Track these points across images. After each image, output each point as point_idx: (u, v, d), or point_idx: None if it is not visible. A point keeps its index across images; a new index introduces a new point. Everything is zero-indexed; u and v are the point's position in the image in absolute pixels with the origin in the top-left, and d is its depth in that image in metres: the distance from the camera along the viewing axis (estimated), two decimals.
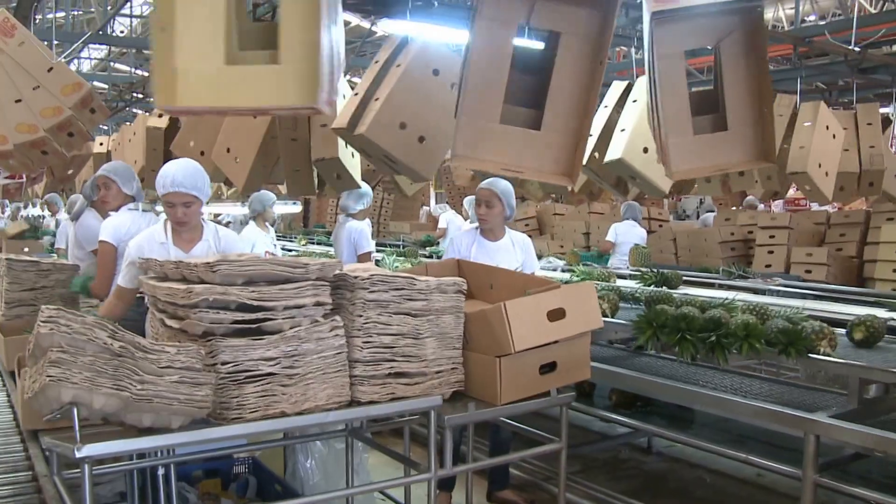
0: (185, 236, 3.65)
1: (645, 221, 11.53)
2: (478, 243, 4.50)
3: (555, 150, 3.30)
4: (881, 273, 8.24)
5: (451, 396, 2.98)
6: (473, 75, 3.23)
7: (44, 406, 2.21)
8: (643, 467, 5.34)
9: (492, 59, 3.27)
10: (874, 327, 3.78)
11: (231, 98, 2.77)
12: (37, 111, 4.82)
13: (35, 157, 5.01)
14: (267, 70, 2.76)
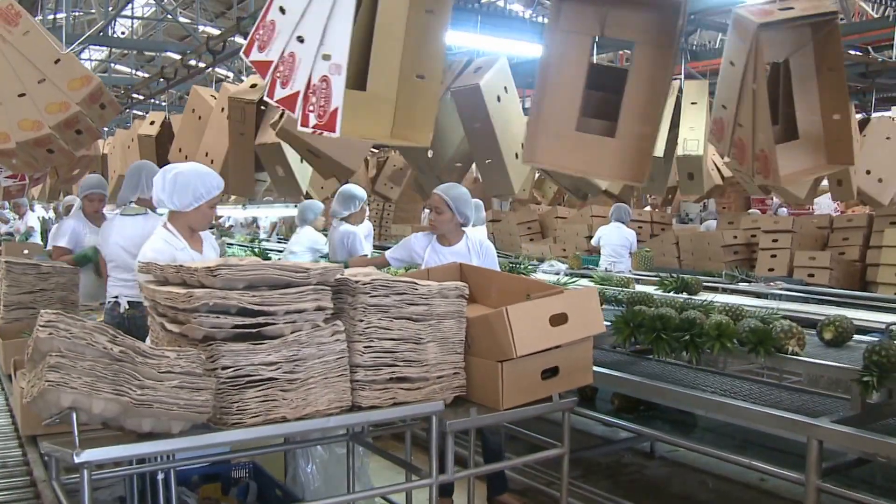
0: (196, 238, 3.72)
1: (647, 225, 11.55)
2: (432, 247, 4.53)
3: (625, 153, 3.37)
4: (884, 277, 8.23)
5: (453, 401, 2.96)
6: (550, 85, 3.28)
7: (43, 411, 2.20)
8: (645, 472, 5.32)
9: (569, 70, 3.31)
10: (843, 327, 3.85)
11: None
12: (42, 106, 4.47)
13: (40, 156, 4.65)
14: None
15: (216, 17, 19.38)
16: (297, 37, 2.80)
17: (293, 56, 2.80)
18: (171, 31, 19.42)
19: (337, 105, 2.77)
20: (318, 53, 2.77)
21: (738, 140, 3.62)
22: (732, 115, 3.60)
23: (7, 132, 4.40)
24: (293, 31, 2.79)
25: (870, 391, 3.24)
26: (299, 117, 2.83)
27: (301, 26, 2.78)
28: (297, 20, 2.78)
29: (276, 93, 2.86)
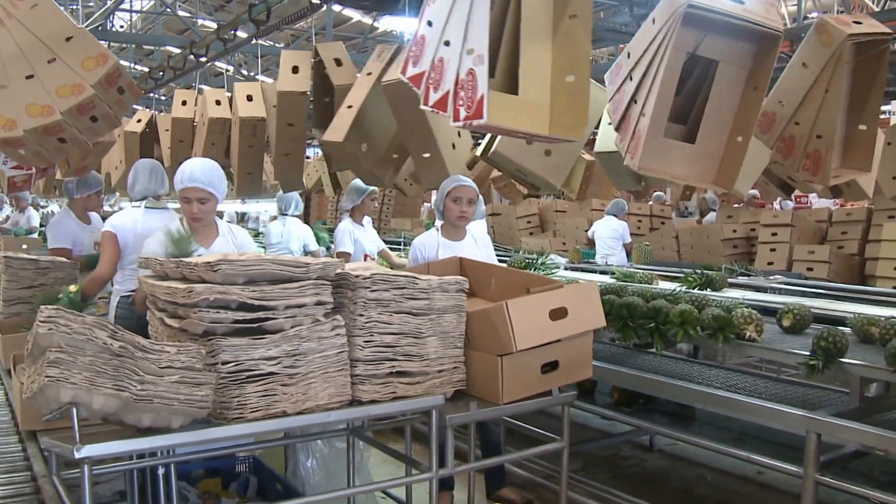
0: (202, 232, 3.73)
1: (647, 219, 11.55)
2: (442, 245, 4.41)
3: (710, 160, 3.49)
4: (883, 271, 8.23)
5: (453, 395, 2.97)
6: (660, 97, 3.31)
7: (43, 406, 2.20)
8: (645, 465, 5.33)
9: (672, 82, 3.38)
10: (801, 315, 4.00)
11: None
12: (52, 89, 3.98)
13: (50, 146, 4.12)
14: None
15: (215, 10, 19.35)
16: (444, 41, 3.02)
17: (442, 60, 3.03)
18: (170, 24, 19.38)
19: (483, 92, 2.90)
20: (464, 50, 2.96)
21: (788, 136, 3.82)
22: (789, 113, 3.77)
23: (13, 118, 3.92)
24: (440, 37, 3.03)
25: (815, 373, 3.39)
26: (451, 114, 3.00)
27: (446, 31, 3.01)
28: (443, 27, 3.02)
29: (429, 98, 3.07)
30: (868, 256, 8.70)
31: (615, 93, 3.50)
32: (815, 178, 3.80)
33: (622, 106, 3.41)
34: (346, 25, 18.46)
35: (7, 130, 3.87)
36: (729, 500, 4.74)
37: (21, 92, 3.95)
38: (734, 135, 3.43)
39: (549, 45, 3.29)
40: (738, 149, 3.40)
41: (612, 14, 10.68)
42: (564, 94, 3.22)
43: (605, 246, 9.15)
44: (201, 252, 3.63)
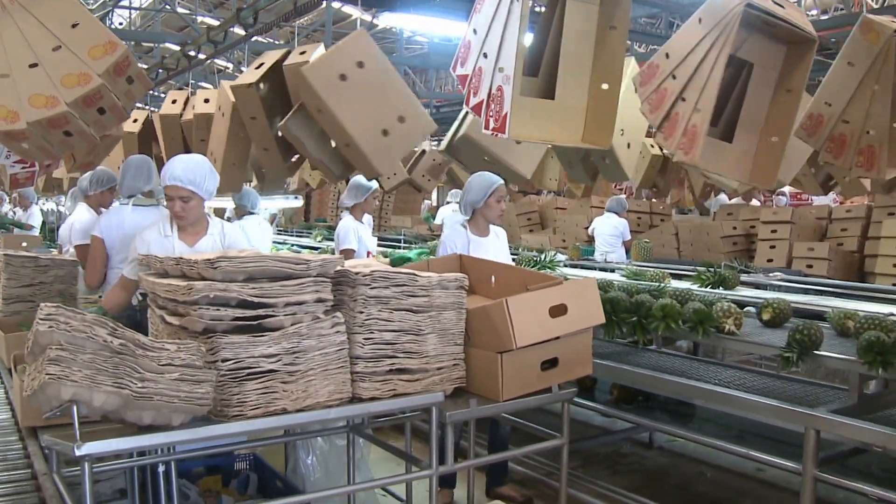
0: (189, 230, 3.71)
1: (646, 216, 11.56)
2: (472, 242, 4.45)
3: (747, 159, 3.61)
4: (882, 268, 8.23)
5: (453, 393, 2.97)
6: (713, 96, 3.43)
7: (43, 404, 2.20)
8: (644, 462, 5.34)
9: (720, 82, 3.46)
10: (780, 309, 4.12)
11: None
12: (57, 79, 3.73)
13: (55, 140, 3.88)
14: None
15: (214, 7, 19.33)
16: (483, 53, 3.27)
17: (481, 70, 3.29)
18: (169, 21, 19.37)
19: (507, 110, 3.19)
20: (496, 67, 3.20)
21: (838, 135, 3.83)
22: (837, 113, 3.79)
23: (16, 110, 3.67)
24: (481, 48, 3.24)
25: (790, 365, 3.50)
26: (483, 121, 3.32)
27: (486, 44, 3.22)
28: (483, 38, 3.23)
29: (470, 100, 3.39)
30: (867, 253, 8.70)
31: (652, 92, 3.54)
32: (870, 172, 3.87)
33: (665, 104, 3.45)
34: (345, 22, 18.45)
35: (9, 123, 3.62)
36: (728, 497, 4.75)
37: (24, 81, 3.72)
38: (769, 135, 3.53)
39: (589, 54, 3.49)
40: (773, 148, 3.52)
41: None
42: (598, 102, 3.42)
43: (605, 243, 9.17)
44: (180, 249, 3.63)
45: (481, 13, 3.24)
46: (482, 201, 4.42)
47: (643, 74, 3.63)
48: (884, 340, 3.27)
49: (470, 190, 4.48)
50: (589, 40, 3.51)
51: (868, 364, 3.25)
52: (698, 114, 3.35)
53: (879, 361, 3.22)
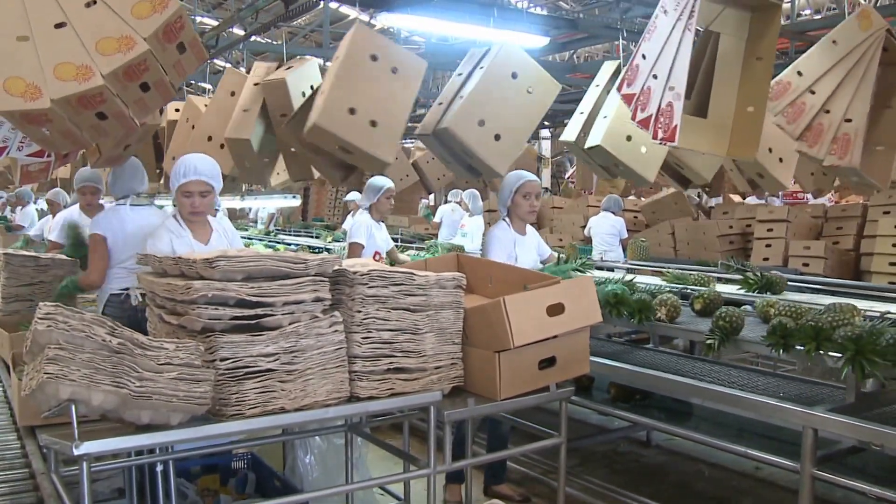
0: (199, 229, 3.74)
1: (643, 215, 11.57)
2: (515, 240, 4.55)
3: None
4: (878, 266, 8.24)
5: (451, 391, 2.98)
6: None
7: (42, 403, 2.20)
8: (642, 461, 5.35)
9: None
10: (710, 299, 4.40)
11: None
12: (92, 43, 2.92)
13: (85, 123, 3.09)
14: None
15: (213, 7, 19.32)
16: (653, 75, 3.70)
17: (650, 89, 3.71)
18: None
19: (677, 123, 3.68)
20: (666, 86, 3.69)
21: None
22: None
23: (37, 84, 2.86)
24: (650, 71, 3.70)
25: (713, 350, 3.80)
26: (651, 132, 3.74)
27: (656, 67, 3.71)
28: (653, 63, 3.71)
29: (637, 115, 3.76)
30: (863, 252, 8.71)
31: (788, 105, 4.01)
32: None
33: (805, 116, 3.96)
34: (343, 23, 18.44)
35: (28, 100, 2.86)
36: (726, 496, 4.76)
37: (48, 46, 2.94)
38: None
39: (736, 80, 3.96)
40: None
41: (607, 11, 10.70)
42: (743, 121, 3.87)
43: (603, 242, 9.19)
44: (196, 247, 3.65)
45: (651, 41, 3.72)
46: (509, 200, 4.52)
47: (774, 90, 4.06)
48: (787, 325, 3.53)
49: (501, 189, 4.54)
50: (737, 68, 4.00)
51: (771, 346, 3.55)
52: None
53: (782, 344, 3.50)
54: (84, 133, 3.18)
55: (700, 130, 3.87)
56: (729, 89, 4.00)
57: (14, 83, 2.85)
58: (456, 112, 4.60)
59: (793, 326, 3.55)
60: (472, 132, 4.59)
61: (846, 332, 3.29)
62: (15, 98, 2.85)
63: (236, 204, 11.20)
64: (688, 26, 3.66)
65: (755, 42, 3.97)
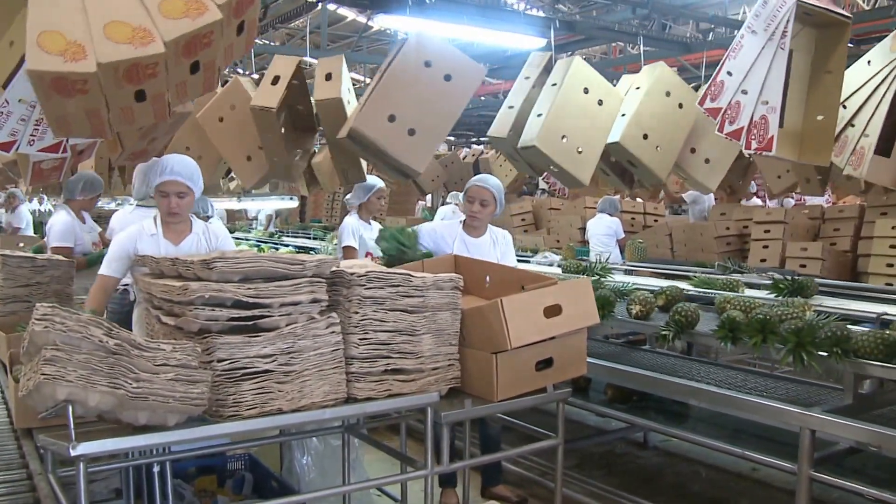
0: (174, 229, 3.74)
1: (640, 216, 11.57)
2: (460, 238, 4.44)
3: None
4: (875, 267, 8.24)
5: (448, 393, 2.98)
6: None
7: (38, 404, 2.20)
8: (639, 462, 5.35)
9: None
10: (672, 296, 4.48)
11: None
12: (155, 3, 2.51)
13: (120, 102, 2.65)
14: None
15: None
16: (742, 90, 3.96)
17: (738, 103, 3.96)
18: None
19: (773, 134, 3.95)
20: (759, 100, 3.95)
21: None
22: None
23: (81, 42, 2.39)
24: (738, 86, 3.96)
25: (667, 342, 3.94)
26: (744, 143, 4.02)
27: (745, 83, 3.97)
28: (740, 80, 3.97)
29: (724, 128, 4.01)
30: (860, 253, 8.71)
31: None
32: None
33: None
34: (340, 24, 18.44)
35: (68, 60, 2.39)
36: (723, 497, 4.76)
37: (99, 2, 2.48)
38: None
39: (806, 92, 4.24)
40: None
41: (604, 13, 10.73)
42: (815, 130, 4.13)
43: (600, 243, 9.20)
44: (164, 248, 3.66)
45: (737, 59, 3.97)
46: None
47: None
48: (736, 318, 3.70)
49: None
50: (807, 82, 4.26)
51: (720, 339, 3.69)
52: (866, 139, 4.26)
53: (730, 337, 3.66)
54: (111, 116, 2.75)
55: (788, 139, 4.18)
56: (800, 101, 4.28)
57: (51, 39, 2.40)
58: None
59: (742, 320, 3.69)
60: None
61: (790, 325, 3.45)
62: (52, 57, 2.40)
63: (234, 205, 11.19)
64: (780, 45, 3.94)
65: (824, 57, 4.25)
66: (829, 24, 4.17)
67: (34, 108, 3.08)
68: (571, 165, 5.23)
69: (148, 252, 3.43)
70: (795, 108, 4.15)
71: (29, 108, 3.10)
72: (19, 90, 3.00)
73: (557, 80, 5.34)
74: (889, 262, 8.09)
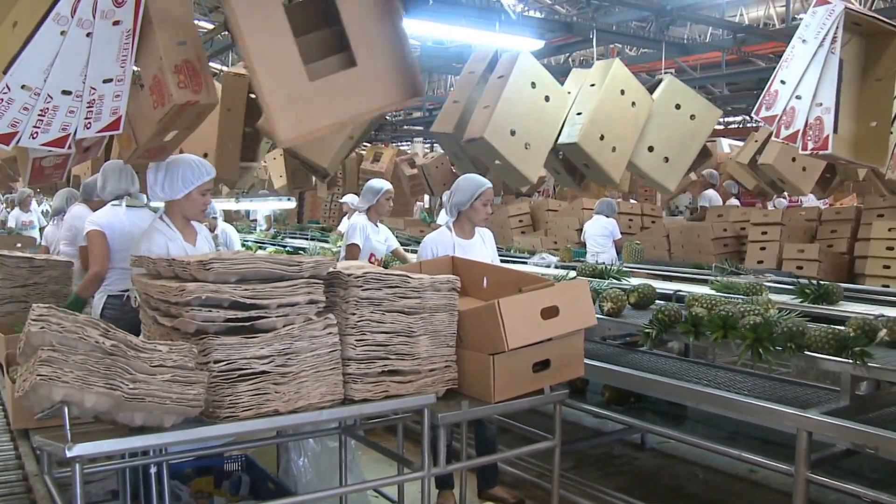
0: (187, 231, 3.76)
1: (637, 218, 11.58)
2: (457, 244, 4.47)
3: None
4: (872, 269, 8.26)
5: (445, 394, 2.98)
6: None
7: (35, 405, 2.20)
8: (636, 463, 5.35)
9: None
10: (645, 294, 4.66)
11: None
12: None
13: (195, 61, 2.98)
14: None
15: (210, 11, 19.28)
16: (796, 96, 4.15)
17: (793, 109, 4.15)
18: None
19: (828, 133, 4.07)
20: (813, 102, 4.10)
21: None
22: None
23: None
24: (792, 93, 4.15)
25: (650, 340, 4.05)
26: (800, 145, 4.15)
27: (798, 89, 4.15)
28: (795, 85, 4.17)
29: (780, 133, 4.21)
30: (857, 255, 8.73)
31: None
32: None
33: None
34: None
35: None
36: (721, 499, 4.76)
37: None
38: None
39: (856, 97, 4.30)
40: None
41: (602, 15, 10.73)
42: (868, 135, 4.22)
43: (596, 244, 9.21)
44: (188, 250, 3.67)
45: (790, 68, 4.19)
46: (468, 204, 4.46)
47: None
48: (699, 315, 3.88)
49: (456, 192, 4.49)
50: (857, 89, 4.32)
51: (683, 333, 3.88)
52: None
53: (693, 332, 3.83)
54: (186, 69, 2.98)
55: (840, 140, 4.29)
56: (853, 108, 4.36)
57: None
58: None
59: (705, 316, 3.86)
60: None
61: (748, 321, 3.64)
62: None
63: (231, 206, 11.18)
64: (831, 50, 4.13)
65: (873, 65, 4.39)
66: (877, 32, 4.32)
67: (38, 95, 2.89)
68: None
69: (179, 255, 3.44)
70: (848, 116, 4.30)
71: (33, 95, 2.88)
72: (23, 75, 2.84)
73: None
74: (886, 263, 8.11)
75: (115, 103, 3.05)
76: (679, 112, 5.61)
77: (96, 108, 3.02)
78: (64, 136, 3.05)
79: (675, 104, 5.62)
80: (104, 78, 2.98)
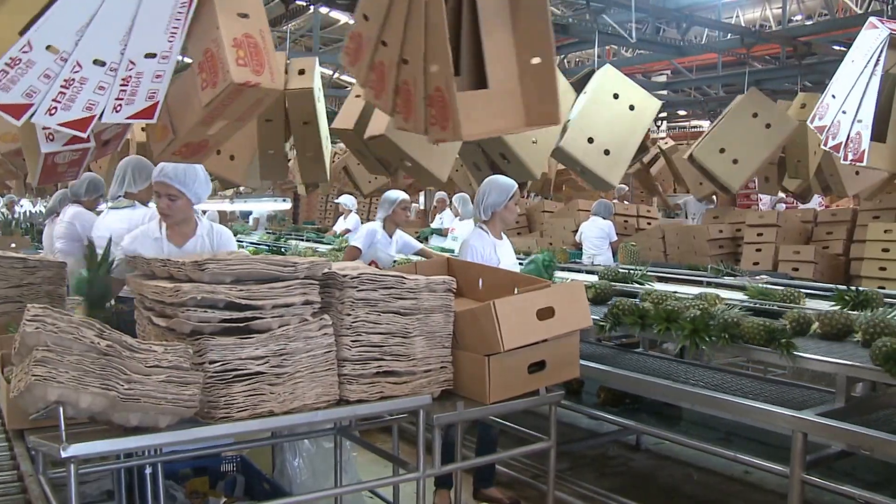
0: (178, 231, 3.75)
1: (633, 219, 11.59)
2: (495, 244, 4.57)
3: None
4: (867, 271, 8.27)
5: (440, 395, 2.97)
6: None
7: (29, 405, 2.19)
8: (631, 465, 5.35)
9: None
10: (602, 289, 5.06)
11: None
12: None
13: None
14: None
15: None
16: (842, 111, 4.53)
17: (839, 122, 4.52)
18: None
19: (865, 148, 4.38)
20: (855, 119, 4.45)
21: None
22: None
23: None
24: (840, 108, 4.53)
25: (604, 332, 4.37)
26: (842, 155, 4.51)
27: (844, 104, 4.51)
28: (842, 102, 4.55)
29: (828, 142, 4.58)
30: (853, 256, 8.75)
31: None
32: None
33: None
34: (333, 28, 18.45)
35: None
36: (716, 500, 4.77)
37: None
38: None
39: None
40: None
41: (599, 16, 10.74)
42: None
43: (592, 246, 9.24)
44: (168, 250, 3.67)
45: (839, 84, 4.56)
46: (503, 204, 4.56)
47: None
48: (646, 308, 4.17)
49: (491, 193, 4.53)
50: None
51: (630, 324, 4.17)
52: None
53: (640, 324, 4.13)
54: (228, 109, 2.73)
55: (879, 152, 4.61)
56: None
57: None
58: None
59: (651, 310, 4.13)
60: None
61: (689, 314, 3.91)
62: None
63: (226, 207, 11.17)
64: (874, 71, 4.46)
65: None
66: None
67: (65, 61, 2.40)
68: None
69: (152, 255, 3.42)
70: (893, 129, 4.67)
71: (59, 60, 2.39)
72: (50, 33, 2.37)
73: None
74: (881, 265, 8.12)
75: (154, 85, 2.56)
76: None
77: (131, 87, 2.52)
78: (87, 118, 2.50)
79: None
80: (147, 52, 2.51)
